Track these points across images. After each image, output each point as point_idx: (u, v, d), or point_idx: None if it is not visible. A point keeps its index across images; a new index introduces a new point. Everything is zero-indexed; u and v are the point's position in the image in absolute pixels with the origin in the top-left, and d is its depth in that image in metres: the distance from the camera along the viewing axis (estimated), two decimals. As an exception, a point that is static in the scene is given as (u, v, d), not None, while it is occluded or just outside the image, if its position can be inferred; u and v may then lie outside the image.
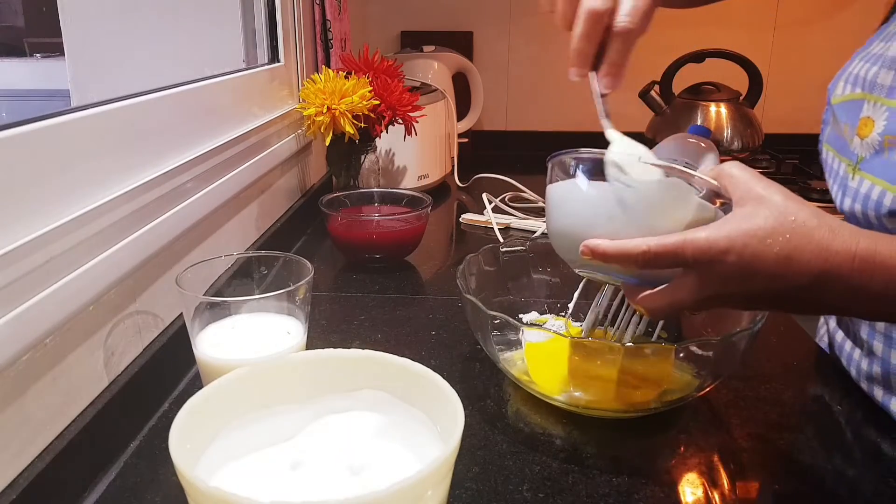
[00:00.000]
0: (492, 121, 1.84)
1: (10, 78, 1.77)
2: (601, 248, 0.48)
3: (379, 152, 1.29)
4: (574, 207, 0.52)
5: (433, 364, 0.52)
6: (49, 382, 0.49)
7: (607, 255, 0.47)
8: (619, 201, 0.49)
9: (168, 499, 0.50)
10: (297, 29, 1.13)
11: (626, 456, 0.56)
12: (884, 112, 0.54)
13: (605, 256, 0.48)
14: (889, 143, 0.53)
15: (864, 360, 0.63)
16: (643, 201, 0.49)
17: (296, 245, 1.07)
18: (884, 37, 0.60)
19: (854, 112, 0.58)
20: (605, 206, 0.50)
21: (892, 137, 0.53)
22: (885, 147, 0.54)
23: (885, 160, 0.54)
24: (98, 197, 0.55)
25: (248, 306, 0.58)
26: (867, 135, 0.55)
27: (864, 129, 0.56)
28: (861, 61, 0.60)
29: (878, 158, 0.55)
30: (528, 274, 0.76)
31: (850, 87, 0.60)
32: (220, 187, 0.77)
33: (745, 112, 1.53)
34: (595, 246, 0.48)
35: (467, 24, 1.78)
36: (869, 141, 0.55)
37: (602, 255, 0.48)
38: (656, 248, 0.45)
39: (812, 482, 0.52)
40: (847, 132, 0.59)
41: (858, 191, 0.56)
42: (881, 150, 0.54)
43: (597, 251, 0.48)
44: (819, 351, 0.74)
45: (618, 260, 0.47)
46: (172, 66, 1.02)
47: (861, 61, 0.60)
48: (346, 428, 0.49)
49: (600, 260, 0.48)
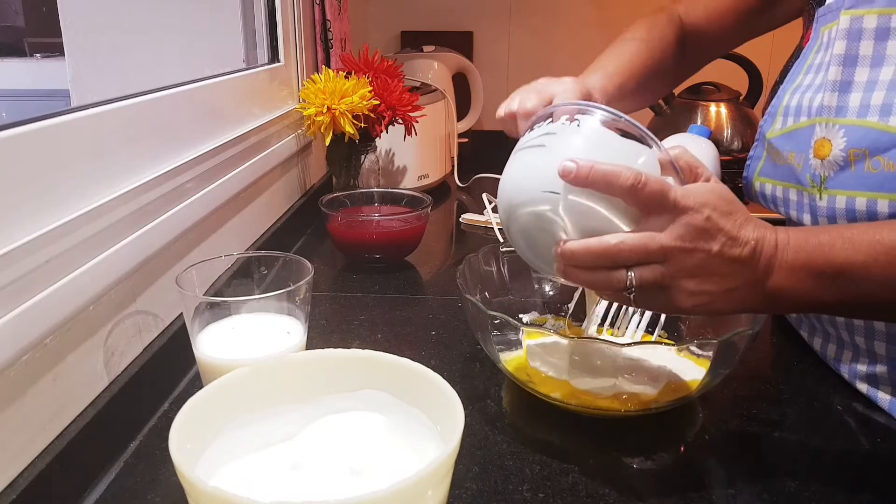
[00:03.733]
0: (492, 121, 1.83)
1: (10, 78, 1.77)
2: (584, 169, 0.47)
3: (379, 152, 1.29)
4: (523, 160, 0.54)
5: (433, 364, 0.52)
6: (49, 382, 0.49)
7: (591, 177, 0.47)
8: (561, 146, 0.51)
9: (168, 499, 0.50)
10: (297, 29, 1.13)
11: (626, 456, 0.56)
12: (839, 130, 0.57)
13: (588, 179, 0.47)
14: (855, 155, 0.56)
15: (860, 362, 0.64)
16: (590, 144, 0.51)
17: (296, 245, 1.07)
18: (805, 70, 0.64)
19: (803, 139, 0.61)
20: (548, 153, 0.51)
21: (857, 150, 0.56)
22: (852, 160, 0.56)
23: (854, 172, 0.56)
24: (98, 197, 0.55)
25: (248, 306, 0.58)
26: (826, 154, 0.58)
27: (821, 150, 0.59)
28: (793, 94, 0.64)
29: (847, 172, 0.57)
30: (528, 274, 0.76)
31: (793, 118, 0.63)
32: (220, 187, 0.77)
33: (745, 112, 1.53)
34: (580, 166, 0.47)
35: (467, 24, 1.78)
36: (831, 159, 0.58)
37: (585, 177, 0.47)
38: (648, 177, 0.47)
39: (812, 482, 0.52)
40: (795, 159, 0.62)
41: (834, 207, 0.58)
42: (847, 164, 0.57)
43: (581, 171, 0.47)
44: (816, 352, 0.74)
45: (603, 182, 0.47)
46: (172, 66, 1.02)
47: (793, 94, 0.64)
48: (346, 428, 0.49)
49: (581, 183, 0.48)
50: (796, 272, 0.48)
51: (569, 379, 0.59)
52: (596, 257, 0.49)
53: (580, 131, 0.52)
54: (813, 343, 0.71)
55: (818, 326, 0.69)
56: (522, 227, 0.53)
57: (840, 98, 0.58)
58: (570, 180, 0.48)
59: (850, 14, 0.57)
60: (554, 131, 0.53)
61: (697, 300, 0.49)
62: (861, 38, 0.57)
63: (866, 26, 0.56)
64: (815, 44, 0.64)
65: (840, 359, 0.66)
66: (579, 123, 0.52)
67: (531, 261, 0.56)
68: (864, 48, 0.57)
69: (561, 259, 0.50)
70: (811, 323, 0.70)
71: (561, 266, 0.51)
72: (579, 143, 0.51)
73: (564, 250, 0.49)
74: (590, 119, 0.52)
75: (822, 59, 0.62)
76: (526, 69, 1.80)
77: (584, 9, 1.75)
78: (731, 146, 1.52)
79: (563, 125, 0.53)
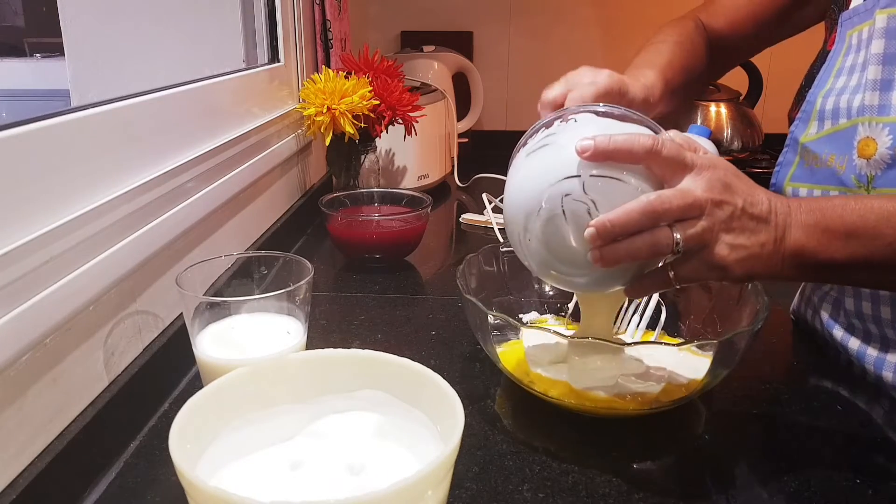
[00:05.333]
0: (492, 121, 1.84)
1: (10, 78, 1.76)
2: (602, 141, 0.47)
3: (379, 152, 1.29)
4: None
5: (433, 364, 0.52)
6: (49, 382, 0.49)
7: (612, 146, 0.47)
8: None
9: (168, 499, 0.50)
10: (297, 29, 1.13)
11: (626, 456, 0.56)
12: (883, 129, 0.58)
13: (609, 149, 0.47)
14: None
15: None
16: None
17: (296, 245, 1.07)
18: (836, 73, 0.65)
19: (845, 140, 0.62)
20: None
21: None
22: None
23: None
24: (98, 197, 0.55)
25: (248, 306, 0.58)
26: (872, 153, 0.58)
27: (866, 149, 0.59)
28: (825, 97, 0.65)
29: (895, 171, 0.57)
30: (528, 274, 0.76)
31: (830, 121, 0.64)
32: (220, 187, 0.77)
33: (745, 112, 1.53)
34: (598, 139, 0.48)
35: (467, 24, 1.78)
36: (877, 158, 0.58)
37: (605, 148, 0.47)
38: (664, 140, 0.47)
39: (813, 482, 0.52)
40: (836, 161, 0.63)
41: None
42: (895, 162, 0.57)
43: (599, 144, 0.47)
44: (819, 350, 0.74)
45: (624, 149, 0.47)
46: (173, 66, 1.02)
47: (825, 97, 0.65)
48: (345, 428, 0.49)
49: (601, 156, 0.48)
50: (811, 230, 0.50)
51: (569, 379, 0.59)
52: (638, 218, 0.48)
53: (580, 125, 0.52)
54: (849, 343, 0.70)
55: (858, 326, 0.69)
56: (542, 230, 0.51)
57: (882, 97, 0.58)
58: (589, 156, 0.48)
59: (886, 13, 0.58)
60: (554, 132, 0.53)
61: (738, 254, 0.49)
62: None
63: None
64: (842, 47, 0.65)
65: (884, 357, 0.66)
66: (576, 120, 0.52)
67: (556, 269, 0.54)
68: None
69: (597, 238, 0.48)
70: (850, 323, 0.70)
71: (598, 247, 0.49)
72: (585, 132, 0.50)
73: (601, 223, 0.48)
74: (584, 114, 0.52)
75: (854, 62, 0.63)
76: (526, 69, 1.80)
77: (584, 9, 1.75)
78: (731, 146, 1.52)
79: (560, 125, 0.53)
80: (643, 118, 0.52)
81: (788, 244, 0.50)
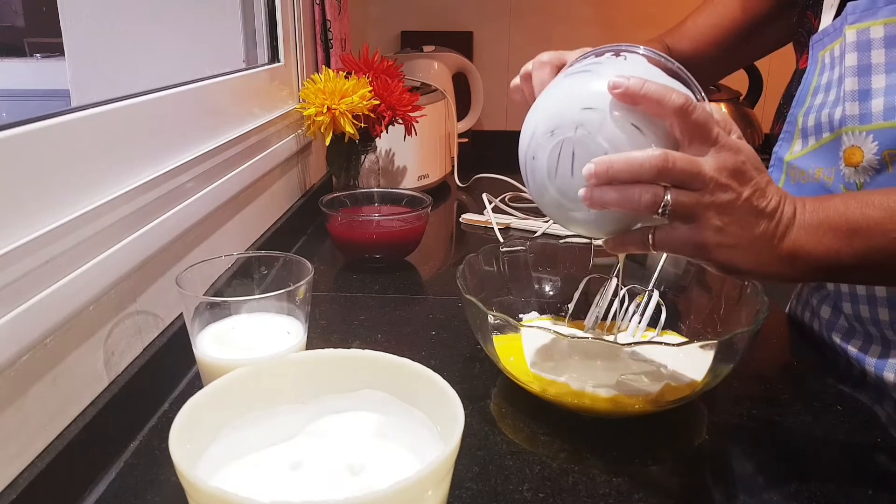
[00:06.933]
0: (492, 121, 1.84)
1: (10, 78, 1.76)
2: (636, 83, 0.46)
3: (379, 152, 1.29)
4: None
5: (433, 364, 0.52)
6: (49, 382, 0.49)
7: (643, 92, 0.46)
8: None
9: (168, 499, 0.50)
10: (297, 29, 1.13)
11: (626, 456, 0.56)
12: (867, 136, 0.59)
13: (640, 93, 0.46)
14: (890, 157, 0.58)
15: None
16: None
17: (296, 245, 1.07)
18: (812, 92, 0.67)
19: (831, 153, 0.63)
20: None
21: (892, 151, 0.58)
22: (888, 162, 0.58)
23: (893, 173, 0.58)
24: (98, 197, 0.55)
25: (248, 306, 0.58)
26: (859, 161, 0.60)
27: (852, 157, 0.60)
28: (805, 116, 0.66)
29: (885, 175, 0.58)
30: (528, 274, 0.76)
31: (814, 137, 0.65)
32: (220, 187, 0.77)
33: (745, 112, 1.53)
34: (632, 81, 0.47)
35: (467, 24, 1.78)
36: (865, 165, 0.60)
37: (636, 92, 0.46)
38: (696, 103, 0.47)
39: (813, 482, 0.52)
40: (823, 174, 0.64)
41: None
42: (883, 166, 0.58)
43: (632, 86, 0.46)
44: (818, 351, 0.74)
45: (654, 99, 0.46)
46: (172, 66, 1.02)
47: (805, 116, 0.66)
48: (345, 428, 0.49)
49: (631, 99, 0.47)
50: (814, 230, 0.50)
51: (568, 380, 0.59)
52: (638, 168, 0.47)
53: (627, 63, 0.52)
54: (849, 346, 0.70)
55: (858, 328, 0.69)
56: (549, 150, 0.51)
57: (862, 106, 0.59)
58: (619, 94, 0.47)
59: (855, 28, 0.59)
60: (600, 62, 0.52)
61: (722, 238, 0.48)
62: (871, 48, 0.59)
63: (874, 37, 0.59)
64: (816, 68, 0.66)
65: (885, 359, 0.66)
66: (626, 58, 0.52)
67: (549, 195, 0.53)
68: (875, 57, 0.59)
69: (594, 177, 0.48)
70: (851, 325, 0.70)
71: (592, 186, 0.48)
72: (628, 70, 0.50)
73: (601, 163, 0.47)
74: (636, 56, 0.52)
75: (829, 78, 0.64)
76: (526, 69, 1.80)
77: (584, 9, 1.75)
78: (731, 146, 1.52)
79: (609, 58, 0.53)
80: (692, 81, 0.51)
81: (787, 244, 0.49)
